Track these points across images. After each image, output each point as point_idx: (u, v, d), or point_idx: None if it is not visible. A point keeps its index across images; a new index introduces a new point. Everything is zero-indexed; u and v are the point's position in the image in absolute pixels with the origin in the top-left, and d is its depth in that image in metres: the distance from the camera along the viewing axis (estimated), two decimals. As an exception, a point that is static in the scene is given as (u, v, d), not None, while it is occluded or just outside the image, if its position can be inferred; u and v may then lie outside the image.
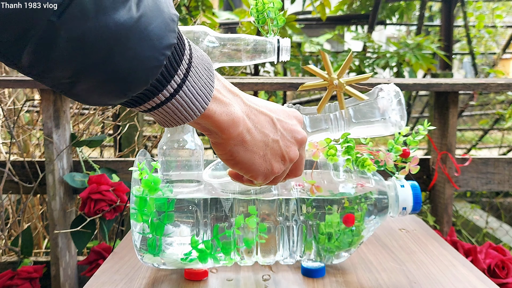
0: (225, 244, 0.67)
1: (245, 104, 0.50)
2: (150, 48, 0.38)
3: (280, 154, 0.53)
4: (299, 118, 0.56)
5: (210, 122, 0.46)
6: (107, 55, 0.36)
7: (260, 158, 0.51)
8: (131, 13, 0.36)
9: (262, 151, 0.51)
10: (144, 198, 0.66)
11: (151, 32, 0.37)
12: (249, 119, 0.49)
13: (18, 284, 1.21)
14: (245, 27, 2.10)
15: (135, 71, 0.38)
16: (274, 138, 0.52)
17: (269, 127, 0.51)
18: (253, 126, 0.50)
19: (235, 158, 0.50)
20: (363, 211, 0.69)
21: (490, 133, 3.13)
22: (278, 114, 0.53)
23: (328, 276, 0.72)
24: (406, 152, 0.70)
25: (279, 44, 0.69)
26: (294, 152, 0.54)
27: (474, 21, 3.05)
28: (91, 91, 0.38)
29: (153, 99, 0.41)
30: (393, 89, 0.70)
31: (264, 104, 0.53)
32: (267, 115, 0.51)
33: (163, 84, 0.41)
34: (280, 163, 0.53)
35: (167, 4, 0.40)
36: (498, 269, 1.10)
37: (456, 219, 2.02)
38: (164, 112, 0.43)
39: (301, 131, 0.55)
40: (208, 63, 0.46)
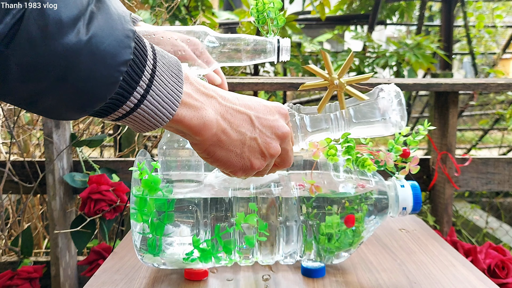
0: (226, 242, 0.67)
1: (221, 104, 0.51)
2: (104, 66, 0.39)
3: (259, 151, 0.54)
4: (282, 112, 0.57)
5: (182, 126, 0.48)
6: (60, 78, 0.37)
7: (237, 156, 0.53)
8: (80, 36, 0.37)
9: (239, 150, 0.52)
10: (144, 198, 0.66)
11: (103, 52, 0.38)
12: (224, 119, 0.50)
13: (18, 284, 1.21)
14: (245, 27, 2.10)
15: (90, 89, 0.39)
16: (252, 136, 0.53)
17: (247, 126, 0.52)
18: (228, 126, 0.51)
19: (212, 157, 0.52)
20: (363, 212, 0.69)
21: (490, 133, 3.13)
22: (257, 111, 0.54)
23: (328, 276, 0.72)
24: (406, 152, 0.70)
25: (279, 44, 0.69)
26: (274, 148, 0.54)
27: (474, 21, 3.05)
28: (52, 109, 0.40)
29: (118, 110, 0.43)
30: (393, 89, 0.70)
31: (243, 102, 0.53)
32: (244, 114, 0.52)
33: (125, 96, 0.42)
34: (260, 159, 0.54)
35: (121, 21, 0.40)
36: (498, 269, 1.10)
37: (456, 219, 2.02)
38: (132, 120, 0.45)
39: (282, 126, 0.55)
40: (177, 69, 0.46)
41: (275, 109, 0.56)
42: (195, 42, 0.70)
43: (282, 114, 0.56)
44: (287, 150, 0.58)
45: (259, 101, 0.55)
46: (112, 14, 0.40)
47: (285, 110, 0.57)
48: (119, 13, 0.41)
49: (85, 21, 0.37)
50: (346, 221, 0.67)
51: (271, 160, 0.55)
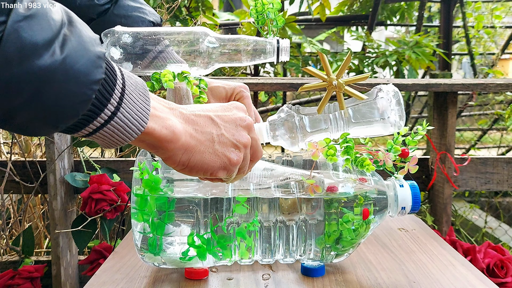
0: (221, 237, 0.68)
1: (183, 114, 0.53)
2: (78, 84, 0.41)
3: (230, 143, 0.55)
4: (238, 106, 0.59)
5: (153, 138, 0.50)
6: (33, 96, 0.39)
7: (212, 155, 0.54)
8: (55, 56, 0.39)
9: (211, 148, 0.54)
10: (145, 198, 0.66)
11: (77, 71, 0.41)
12: (188, 125, 0.53)
13: (19, 283, 1.21)
14: (245, 28, 2.10)
15: (64, 107, 0.41)
16: (218, 132, 0.55)
17: (210, 125, 0.54)
18: (193, 130, 0.53)
19: (188, 166, 0.54)
20: (371, 206, 0.69)
21: (489, 133, 3.14)
22: (215, 111, 0.56)
23: (328, 275, 0.72)
24: (405, 152, 0.71)
25: (278, 45, 0.70)
26: (244, 137, 0.56)
27: (473, 21, 3.05)
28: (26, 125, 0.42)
29: (89, 125, 0.45)
30: (392, 89, 0.70)
31: (200, 108, 0.56)
32: (205, 116, 0.55)
33: (96, 113, 0.44)
34: (235, 152, 0.56)
35: (92, 43, 0.43)
36: (497, 268, 1.10)
37: (455, 219, 2.02)
38: (102, 136, 0.47)
39: (243, 117, 0.57)
40: (143, 88, 0.50)
41: (230, 106, 0.58)
42: (196, 42, 0.71)
43: (238, 108, 0.59)
44: (255, 139, 0.59)
45: (213, 104, 0.58)
46: (84, 36, 0.42)
47: (240, 104, 0.60)
48: (90, 36, 0.44)
49: (59, 43, 0.40)
50: (361, 214, 0.68)
51: (246, 150, 0.57)
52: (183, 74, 0.67)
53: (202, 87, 0.70)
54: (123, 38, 0.68)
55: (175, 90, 0.68)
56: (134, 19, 0.82)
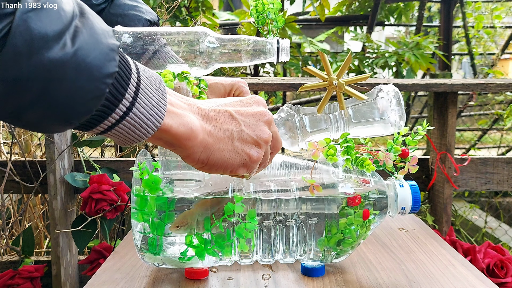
0: (218, 237, 0.68)
1: (201, 109, 0.51)
2: (90, 79, 0.39)
3: (251, 140, 0.53)
4: (257, 100, 0.57)
5: (169, 136, 0.48)
6: (44, 92, 0.37)
7: (231, 153, 0.52)
8: (66, 48, 0.37)
9: (230, 146, 0.52)
10: (145, 198, 0.66)
11: (89, 64, 0.39)
12: (207, 122, 0.51)
13: (19, 283, 1.22)
14: (245, 28, 2.11)
15: (76, 102, 0.39)
16: (238, 129, 0.53)
17: (230, 122, 0.53)
18: (212, 127, 0.51)
19: (207, 164, 0.52)
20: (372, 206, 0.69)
21: (489, 133, 3.14)
22: (234, 105, 0.54)
23: (328, 275, 0.72)
24: (405, 152, 0.71)
25: (278, 45, 0.70)
26: (265, 133, 0.55)
27: (473, 21, 3.05)
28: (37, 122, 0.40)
29: (104, 122, 0.43)
30: (392, 89, 0.70)
31: (218, 102, 0.54)
32: (224, 112, 0.53)
33: (111, 109, 0.43)
34: (255, 148, 0.54)
35: (105, 35, 0.41)
36: (497, 268, 1.11)
37: (455, 219, 2.02)
38: (118, 133, 0.45)
39: (264, 111, 0.55)
40: (159, 83, 0.47)
41: (250, 100, 0.56)
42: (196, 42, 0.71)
43: (258, 103, 0.57)
44: (276, 133, 0.58)
45: (233, 98, 0.56)
46: (96, 28, 0.41)
47: (260, 98, 0.57)
48: (103, 28, 0.42)
49: (70, 35, 0.38)
50: (362, 215, 0.68)
51: (267, 146, 0.55)
52: (183, 74, 0.67)
53: (202, 87, 0.70)
54: (123, 38, 0.68)
55: (175, 90, 0.68)
56: (131, 18, 0.81)
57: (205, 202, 0.66)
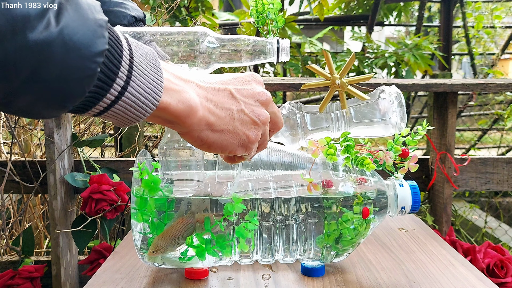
0: (219, 237, 0.68)
1: (200, 86, 0.49)
2: (79, 58, 0.37)
3: (250, 121, 0.53)
4: (257, 79, 0.56)
5: (168, 113, 0.46)
6: (32, 75, 0.36)
7: (231, 133, 0.51)
8: (50, 27, 0.35)
9: (231, 126, 0.51)
10: (145, 198, 0.66)
11: (77, 42, 0.37)
12: (207, 100, 0.49)
13: (19, 283, 1.21)
14: (245, 28, 2.11)
15: (67, 84, 0.38)
16: (238, 109, 0.52)
17: (230, 101, 0.51)
18: (213, 106, 0.50)
19: (206, 142, 0.51)
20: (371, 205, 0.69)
21: (489, 133, 3.14)
22: (234, 84, 0.53)
23: (328, 275, 0.72)
24: (405, 152, 0.71)
25: (278, 45, 0.70)
26: (263, 114, 0.54)
27: (473, 21, 3.05)
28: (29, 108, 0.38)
29: (99, 103, 0.41)
30: (394, 91, 0.70)
31: (218, 79, 0.53)
32: (224, 90, 0.51)
33: (105, 89, 0.41)
34: (254, 129, 0.53)
35: (92, 11, 0.39)
36: (497, 268, 1.10)
37: (455, 219, 2.02)
38: (115, 114, 0.43)
39: (262, 92, 0.55)
40: (154, 59, 0.45)
41: (249, 78, 0.55)
42: (196, 42, 0.71)
43: (257, 82, 0.56)
44: (274, 112, 0.57)
45: (232, 75, 0.55)
46: (82, 4, 0.38)
47: (259, 77, 0.57)
48: (89, 3, 0.39)
49: (54, 13, 0.36)
50: (361, 213, 0.68)
51: (264, 127, 0.55)
52: (183, 74, 0.66)
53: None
54: (123, 38, 0.68)
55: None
56: (116, 14, 0.80)
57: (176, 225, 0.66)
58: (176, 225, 0.66)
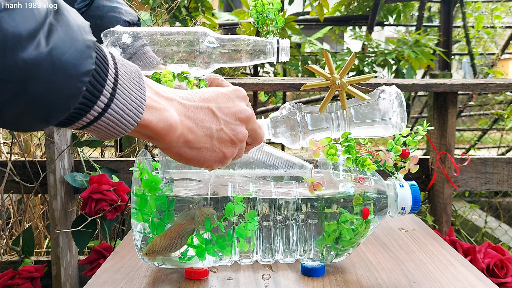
0: (219, 237, 0.68)
1: (182, 104, 0.51)
2: (66, 77, 0.39)
3: (228, 139, 0.55)
4: (240, 95, 0.58)
5: (149, 130, 0.48)
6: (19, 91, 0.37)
7: (209, 151, 0.54)
8: (41, 48, 0.37)
9: (209, 144, 0.54)
10: (145, 198, 0.66)
11: (65, 63, 0.38)
12: (188, 118, 0.51)
13: (19, 283, 1.21)
14: (244, 28, 2.10)
15: (53, 101, 0.39)
16: (218, 127, 0.54)
17: (210, 119, 0.53)
18: (193, 124, 0.52)
19: (184, 158, 0.53)
20: (371, 205, 0.69)
21: (489, 133, 3.14)
22: (217, 101, 0.55)
23: (328, 275, 0.72)
24: (405, 152, 0.71)
25: (278, 45, 0.70)
26: (242, 133, 0.56)
27: (473, 21, 3.05)
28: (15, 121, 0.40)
29: (83, 118, 0.43)
30: (394, 91, 0.70)
31: (200, 96, 0.54)
32: (205, 108, 0.53)
33: (89, 106, 0.42)
34: (231, 147, 0.56)
35: (81, 32, 0.41)
36: (497, 268, 1.10)
37: (455, 219, 2.02)
38: (97, 129, 0.45)
39: (244, 109, 0.56)
40: (138, 77, 0.47)
41: (233, 94, 0.57)
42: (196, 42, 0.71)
43: (240, 98, 0.57)
44: (254, 129, 0.59)
45: (216, 91, 0.56)
46: (71, 25, 0.40)
47: (242, 92, 0.58)
48: (79, 24, 0.41)
49: (45, 34, 0.37)
50: (361, 214, 0.68)
51: (241, 144, 0.57)
52: (183, 74, 0.67)
53: (202, 87, 0.70)
54: (123, 38, 0.68)
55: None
56: (109, 19, 0.81)
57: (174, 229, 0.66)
58: (174, 230, 0.66)
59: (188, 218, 0.66)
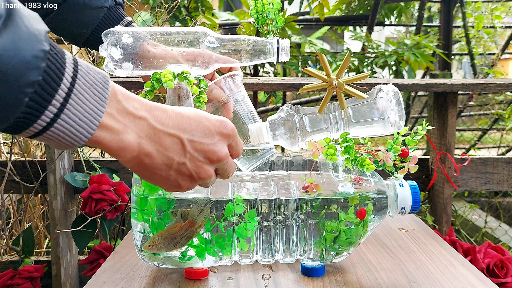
0: (219, 237, 0.68)
1: (150, 126, 0.48)
2: (6, 88, 0.37)
3: (188, 174, 0.52)
4: (224, 133, 0.54)
5: (100, 147, 0.46)
6: None
7: (163, 178, 0.52)
8: None
9: (165, 173, 0.51)
10: (145, 198, 0.66)
11: (5, 73, 0.37)
12: (151, 142, 0.49)
13: (19, 283, 1.22)
14: (245, 28, 2.10)
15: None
16: (180, 160, 0.51)
17: (176, 150, 0.50)
18: (154, 149, 0.49)
19: (138, 174, 0.52)
20: (369, 206, 0.69)
21: (489, 133, 3.14)
22: (193, 133, 0.51)
23: (328, 275, 0.72)
24: (405, 152, 0.71)
25: (278, 45, 0.70)
26: (205, 173, 0.53)
27: (473, 21, 3.05)
28: None
29: (30, 128, 0.41)
30: (392, 89, 0.70)
31: (178, 122, 0.51)
32: (176, 137, 0.50)
33: (36, 115, 0.41)
34: (188, 181, 0.53)
35: (32, 41, 0.39)
36: (497, 268, 1.11)
37: (455, 219, 2.02)
38: (48, 138, 0.43)
39: (218, 151, 0.53)
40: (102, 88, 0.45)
41: (215, 130, 0.53)
42: (196, 42, 0.71)
43: (222, 135, 0.54)
44: (224, 168, 0.56)
45: (199, 121, 0.53)
46: (21, 33, 0.38)
47: (227, 130, 0.54)
48: (31, 32, 0.39)
49: None
50: (358, 214, 0.68)
51: (201, 181, 0.54)
52: (183, 74, 0.67)
53: (202, 87, 0.70)
54: (123, 38, 0.68)
55: (175, 90, 0.68)
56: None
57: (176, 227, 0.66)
58: (176, 227, 0.66)
59: (191, 219, 0.66)
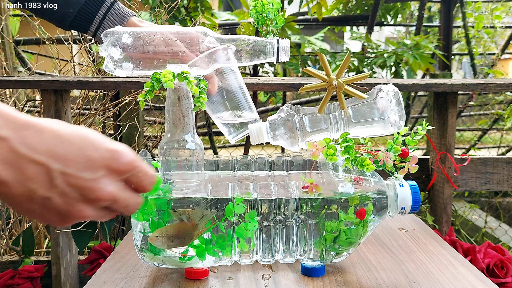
0: (219, 237, 0.68)
1: (12, 149, 0.41)
2: None
3: (55, 212, 0.44)
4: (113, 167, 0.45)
5: None
6: None
7: (26, 211, 0.44)
8: None
9: (26, 205, 0.43)
10: (145, 198, 0.66)
11: None
12: (9, 168, 0.41)
13: (19, 283, 1.22)
14: (244, 28, 2.11)
15: None
16: (45, 195, 0.42)
17: (41, 182, 0.42)
18: (12, 178, 0.41)
19: None
20: (369, 205, 0.69)
21: (489, 133, 3.14)
22: (69, 164, 0.43)
23: (328, 275, 0.72)
24: (405, 152, 0.71)
25: (278, 45, 0.70)
26: (80, 213, 0.44)
27: (473, 21, 3.05)
28: None
29: None
30: (392, 89, 0.70)
31: (52, 149, 0.42)
32: (43, 167, 0.42)
33: None
34: (59, 218, 0.45)
35: None
36: (497, 268, 1.11)
37: (455, 219, 2.02)
38: None
39: (98, 189, 0.44)
40: None
41: (102, 163, 0.44)
42: (196, 42, 0.71)
43: (111, 170, 0.45)
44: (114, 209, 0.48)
45: (83, 149, 0.44)
46: None
47: (119, 165, 0.46)
48: None
49: None
50: (358, 214, 0.68)
51: (76, 220, 0.46)
52: (183, 74, 0.67)
53: (202, 87, 0.70)
54: (123, 38, 0.68)
55: (175, 90, 0.68)
56: None
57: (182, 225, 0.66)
58: (182, 226, 0.65)
59: (193, 222, 0.66)
